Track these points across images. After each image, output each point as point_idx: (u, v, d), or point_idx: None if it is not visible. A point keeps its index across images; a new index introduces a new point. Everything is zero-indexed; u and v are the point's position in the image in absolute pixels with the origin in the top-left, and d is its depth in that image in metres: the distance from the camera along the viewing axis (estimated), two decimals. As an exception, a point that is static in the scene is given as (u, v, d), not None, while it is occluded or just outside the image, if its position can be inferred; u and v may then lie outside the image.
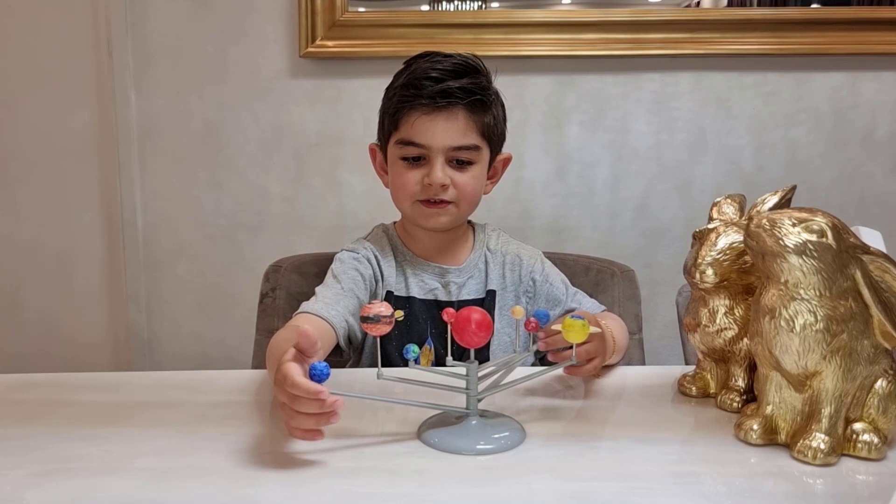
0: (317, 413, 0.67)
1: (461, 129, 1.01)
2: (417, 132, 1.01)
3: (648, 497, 0.65)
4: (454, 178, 1.03)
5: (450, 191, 1.03)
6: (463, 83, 1.00)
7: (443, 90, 0.99)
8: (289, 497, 0.65)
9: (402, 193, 1.05)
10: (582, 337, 0.74)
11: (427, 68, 1.02)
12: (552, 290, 1.11)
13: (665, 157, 1.57)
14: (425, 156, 1.02)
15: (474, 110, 1.02)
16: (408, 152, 1.03)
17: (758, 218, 0.72)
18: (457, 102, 1.00)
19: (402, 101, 1.02)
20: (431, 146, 1.01)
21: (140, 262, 1.60)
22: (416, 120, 1.01)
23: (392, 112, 1.04)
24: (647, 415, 0.85)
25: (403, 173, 1.04)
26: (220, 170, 1.57)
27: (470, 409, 0.76)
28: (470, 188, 1.04)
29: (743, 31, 1.50)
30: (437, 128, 1.01)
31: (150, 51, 1.53)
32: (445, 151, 1.01)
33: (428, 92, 1.00)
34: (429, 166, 1.02)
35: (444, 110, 1.00)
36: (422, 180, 1.02)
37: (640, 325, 1.21)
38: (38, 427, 0.80)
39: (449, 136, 1.01)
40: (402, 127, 1.03)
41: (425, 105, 1.00)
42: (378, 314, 0.71)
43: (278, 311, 1.22)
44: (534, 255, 1.14)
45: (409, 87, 1.02)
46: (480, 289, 1.11)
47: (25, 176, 1.58)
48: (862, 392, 0.72)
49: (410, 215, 1.08)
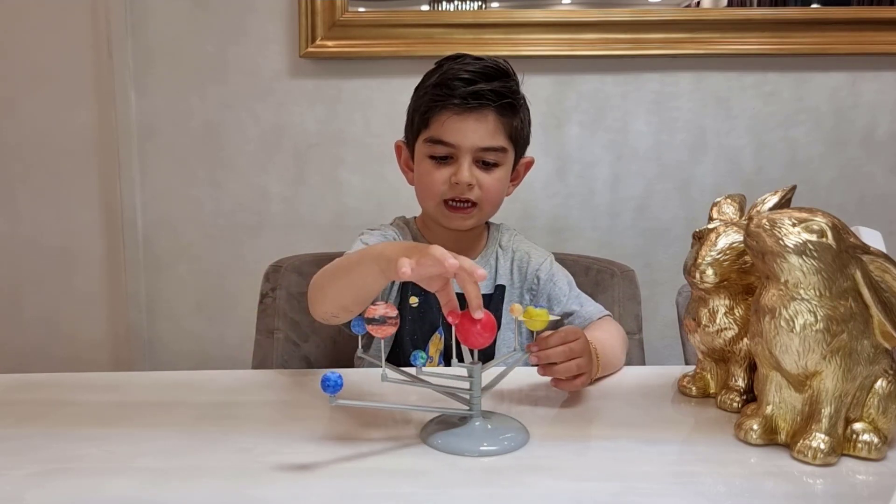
0: None
1: (490, 131, 1.03)
2: (447, 131, 1.03)
3: (648, 497, 0.65)
4: (480, 179, 1.04)
5: (475, 191, 1.05)
6: (494, 86, 1.02)
7: (475, 92, 1.01)
8: (289, 497, 0.65)
9: (427, 192, 1.07)
10: (541, 325, 0.78)
11: (458, 69, 1.04)
12: (554, 289, 1.12)
13: (665, 157, 1.57)
14: (453, 155, 1.04)
15: (504, 113, 1.04)
16: (436, 151, 1.05)
17: (758, 218, 0.72)
18: (488, 104, 1.02)
19: (434, 101, 1.04)
20: (461, 146, 1.03)
21: (140, 262, 1.60)
22: (446, 119, 1.03)
23: (423, 110, 1.06)
24: (647, 415, 0.85)
25: (431, 171, 1.06)
26: (220, 170, 1.57)
27: (473, 411, 0.76)
28: (494, 190, 1.06)
29: (743, 31, 1.50)
30: (468, 128, 1.02)
31: (150, 51, 1.53)
32: (473, 152, 1.03)
33: (460, 93, 1.02)
34: (456, 165, 1.04)
35: (474, 111, 1.02)
36: (448, 179, 1.04)
37: (640, 325, 1.21)
38: (38, 427, 0.80)
39: (478, 136, 1.03)
40: (432, 125, 1.05)
41: (457, 105, 1.02)
42: (384, 316, 0.70)
43: (278, 311, 1.22)
44: (543, 255, 1.16)
45: (440, 86, 1.04)
46: (490, 284, 1.12)
47: (25, 176, 1.58)
48: (862, 392, 0.72)
49: (434, 215, 1.10)
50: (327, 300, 0.90)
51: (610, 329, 1.06)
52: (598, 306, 1.12)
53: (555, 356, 0.84)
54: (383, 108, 1.54)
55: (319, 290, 0.91)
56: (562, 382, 0.86)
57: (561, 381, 0.86)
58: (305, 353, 1.22)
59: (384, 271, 0.79)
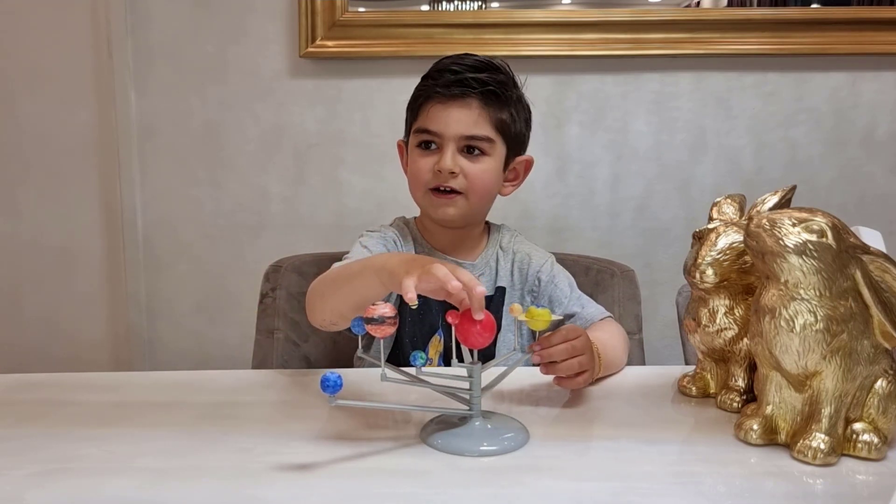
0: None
1: (473, 119, 1.04)
2: (432, 120, 1.04)
3: (648, 497, 0.65)
4: (464, 167, 1.05)
5: (459, 179, 1.05)
6: (480, 76, 1.03)
7: (458, 80, 1.03)
8: (289, 497, 0.65)
9: (415, 181, 1.08)
10: (544, 325, 0.78)
11: (449, 63, 1.06)
12: (556, 291, 1.12)
13: (665, 157, 1.57)
14: (438, 144, 1.05)
15: (488, 102, 1.04)
16: (422, 139, 1.06)
17: (758, 218, 0.72)
18: (470, 93, 1.03)
19: (421, 92, 1.07)
20: (444, 134, 1.04)
21: (140, 262, 1.60)
22: (431, 108, 1.05)
23: (412, 102, 1.09)
24: (647, 415, 0.85)
25: (417, 160, 1.07)
26: (220, 170, 1.57)
27: (473, 411, 0.76)
28: (480, 180, 1.06)
29: (743, 31, 1.50)
30: (451, 117, 1.03)
31: (150, 51, 1.53)
32: (457, 140, 1.04)
33: (444, 81, 1.04)
34: (441, 153, 1.04)
35: (458, 99, 1.03)
36: (433, 167, 1.05)
37: (640, 325, 1.21)
38: (38, 427, 0.80)
39: (462, 125, 1.04)
40: (419, 116, 1.07)
41: (441, 94, 1.04)
42: (382, 315, 0.71)
43: (278, 311, 1.22)
44: (544, 257, 1.16)
45: (428, 78, 1.06)
46: (490, 286, 1.12)
47: (25, 176, 1.58)
48: (862, 392, 0.72)
49: (422, 204, 1.10)
50: (326, 308, 0.91)
51: (611, 330, 1.06)
52: (599, 308, 1.12)
53: (557, 354, 0.84)
54: (383, 108, 1.54)
55: (319, 297, 0.92)
56: (564, 380, 0.86)
57: (563, 379, 0.86)
58: (305, 353, 1.22)
59: (385, 284, 0.79)
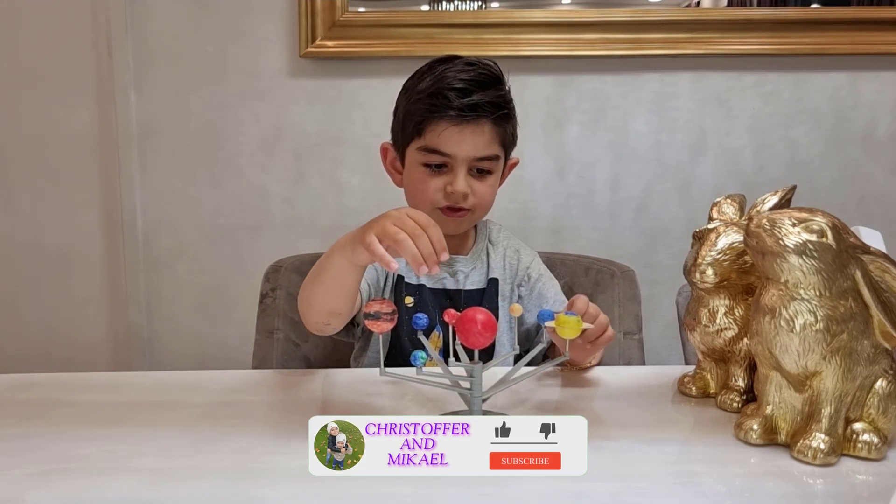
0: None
1: (486, 142, 1.04)
2: (444, 142, 1.02)
3: (648, 497, 0.65)
4: (474, 187, 1.05)
5: (469, 199, 1.05)
6: (490, 96, 1.02)
7: (471, 104, 1.01)
8: (289, 497, 0.65)
9: (422, 199, 1.06)
10: (575, 333, 0.76)
11: (452, 78, 1.02)
12: (545, 288, 1.13)
13: (665, 157, 1.57)
14: (448, 164, 1.04)
15: (499, 123, 1.04)
16: (431, 160, 1.04)
17: (758, 218, 0.72)
18: (485, 116, 1.02)
19: (430, 110, 1.03)
20: (457, 156, 1.03)
21: (140, 263, 1.60)
22: (443, 130, 1.02)
23: (417, 119, 1.04)
24: (647, 415, 0.85)
25: (425, 180, 1.05)
26: (220, 170, 1.57)
27: (474, 411, 0.76)
28: (488, 196, 1.07)
29: (743, 31, 1.50)
30: (464, 140, 1.02)
31: (150, 51, 1.53)
32: (469, 161, 1.03)
33: (457, 105, 1.01)
34: (451, 175, 1.04)
35: (471, 122, 1.02)
36: (443, 188, 1.04)
37: (640, 325, 1.21)
38: (38, 427, 0.80)
39: (474, 148, 1.03)
40: (427, 135, 1.04)
41: (453, 117, 1.01)
42: (379, 311, 0.71)
43: (278, 311, 1.22)
44: (531, 254, 1.17)
45: (436, 96, 1.02)
46: (483, 278, 1.12)
47: (25, 176, 1.58)
48: (862, 392, 0.72)
49: None
50: (313, 309, 0.91)
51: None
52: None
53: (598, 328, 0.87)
54: (383, 108, 1.52)
55: (305, 301, 0.92)
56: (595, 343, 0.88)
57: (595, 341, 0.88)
58: (305, 353, 1.22)
59: (352, 261, 0.81)
